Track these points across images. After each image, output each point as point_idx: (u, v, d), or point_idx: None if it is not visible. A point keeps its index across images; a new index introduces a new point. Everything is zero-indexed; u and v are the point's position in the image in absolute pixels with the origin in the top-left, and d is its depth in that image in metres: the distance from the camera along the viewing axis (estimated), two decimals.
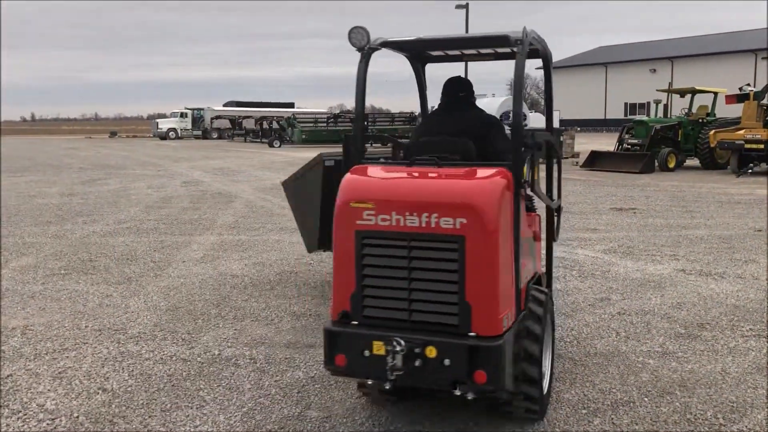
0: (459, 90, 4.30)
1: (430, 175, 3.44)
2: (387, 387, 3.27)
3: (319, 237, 6.24)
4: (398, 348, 3.11)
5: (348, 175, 3.49)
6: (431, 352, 3.12)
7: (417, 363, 3.13)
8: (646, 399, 4.05)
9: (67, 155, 31.90)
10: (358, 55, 3.77)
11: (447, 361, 3.11)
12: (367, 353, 3.22)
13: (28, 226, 10.48)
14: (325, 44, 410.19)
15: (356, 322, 3.31)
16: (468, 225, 3.12)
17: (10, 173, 20.73)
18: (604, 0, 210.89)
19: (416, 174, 3.49)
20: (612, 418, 3.79)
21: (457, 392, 3.17)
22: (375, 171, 3.58)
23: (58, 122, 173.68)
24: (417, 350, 3.12)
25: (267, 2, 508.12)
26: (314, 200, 6.13)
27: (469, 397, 3.19)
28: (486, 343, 3.11)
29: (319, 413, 3.86)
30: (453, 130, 3.94)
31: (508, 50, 4.28)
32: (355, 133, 3.75)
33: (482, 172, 3.38)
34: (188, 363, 4.62)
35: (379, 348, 3.19)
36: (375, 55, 3.87)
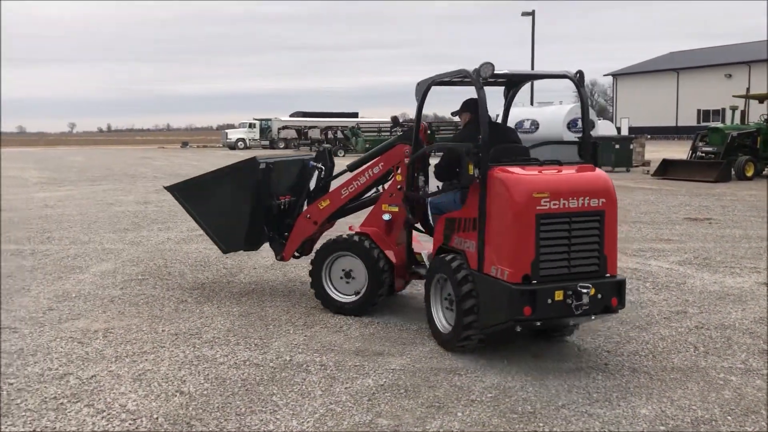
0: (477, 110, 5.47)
1: (571, 171, 4.72)
2: (518, 330, 4.52)
3: (246, 236, 6.52)
4: (585, 291, 4.34)
5: (507, 174, 4.51)
6: (592, 291, 4.38)
7: (588, 300, 4.35)
8: (729, 418, 3.89)
9: (141, 164, 33.10)
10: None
11: (599, 295, 4.44)
12: (550, 300, 4.33)
13: (106, 233, 10.92)
14: (387, 54, 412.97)
15: (535, 281, 4.36)
16: (605, 203, 4.53)
17: (89, 182, 21.67)
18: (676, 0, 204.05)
19: (559, 171, 4.70)
20: None
21: (572, 322, 4.71)
22: (525, 170, 4.59)
23: (132, 132, 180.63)
24: (585, 291, 4.34)
25: (330, 12, 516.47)
26: (235, 202, 6.43)
27: (571, 323, 4.82)
28: (618, 279, 4.59)
29: (390, 421, 3.88)
30: (504, 138, 5.22)
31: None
32: (485, 144, 4.62)
33: (591, 168, 4.78)
34: (261, 368, 4.72)
35: (559, 295, 4.34)
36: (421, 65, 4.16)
